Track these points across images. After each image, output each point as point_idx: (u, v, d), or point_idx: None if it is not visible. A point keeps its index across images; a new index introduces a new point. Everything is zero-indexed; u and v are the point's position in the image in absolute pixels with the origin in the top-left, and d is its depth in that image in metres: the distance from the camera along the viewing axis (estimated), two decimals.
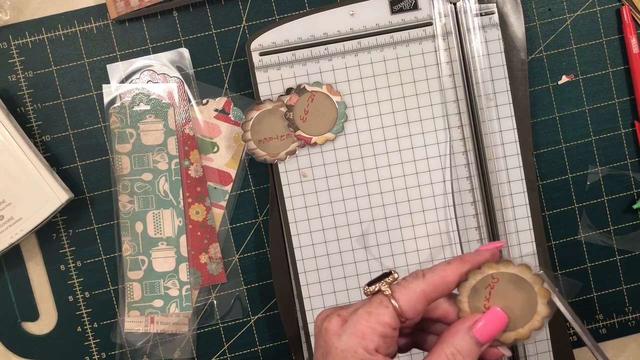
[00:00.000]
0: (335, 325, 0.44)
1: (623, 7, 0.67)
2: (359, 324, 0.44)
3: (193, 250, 0.66)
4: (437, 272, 0.45)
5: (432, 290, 0.45)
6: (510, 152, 0.65)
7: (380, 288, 0.45)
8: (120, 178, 0.66)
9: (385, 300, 0.44)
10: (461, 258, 0.46)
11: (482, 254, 0.46)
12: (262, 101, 0.65)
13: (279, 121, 0.65)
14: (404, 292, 0.44)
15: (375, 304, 0.44)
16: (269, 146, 0.64)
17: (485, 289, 0.46)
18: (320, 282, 0.65)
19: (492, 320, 0.45)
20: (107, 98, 0.66)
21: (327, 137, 0.65)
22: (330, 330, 0.44)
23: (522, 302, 0.46)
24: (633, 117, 0.68)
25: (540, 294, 0.46)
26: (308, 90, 0.65)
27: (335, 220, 0.65)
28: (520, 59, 0.65)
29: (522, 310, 0.46)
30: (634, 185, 0.68)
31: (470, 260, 0.46)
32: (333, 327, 0.44)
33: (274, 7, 0.66)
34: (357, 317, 0.44)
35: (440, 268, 0.46)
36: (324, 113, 0.65)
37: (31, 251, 0.67)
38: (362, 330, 0.43)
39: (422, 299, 0.44)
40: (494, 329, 0.45)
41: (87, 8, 0.66)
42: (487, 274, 0.46)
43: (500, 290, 0.46)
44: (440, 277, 0.45)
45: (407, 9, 0.64)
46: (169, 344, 0.67)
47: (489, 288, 0.46)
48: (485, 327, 0.45)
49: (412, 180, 0.65)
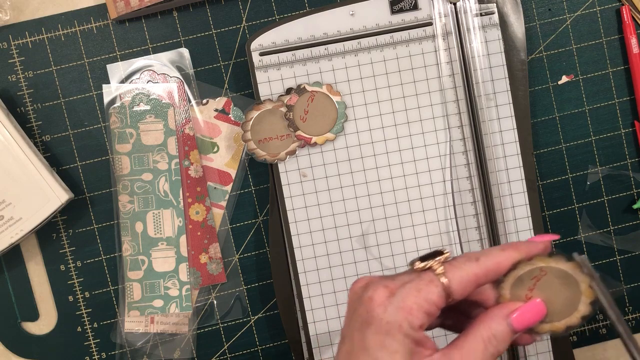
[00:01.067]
0: (381, 296, 0.43)
1: (623, 7, 0.67)
2: (407, 299, 0.43)
3: (193, 250, 0.66)
4: (491, 257, 0.45)
5: (484, 275, 0.44)
6: (510, 152, 0.65)
7: (432, 266, 0.44)
8: (120, 178, 0.66)
9: (435, 280, 0.43)
10: (515, 246, 0.46)
11: (537, 246, 0.46)
12: (262, 101, 0.65)
13: (279, 121, 0.65)
14: (456, 274, 0.44)
15: (426, 281, 0.43)
16: (269, 146, 0.64)
17: (531, 280, 0.45)
18: (320, 282, 0.65)
19: (531, 310, 0.45)
20: (107, 98, 0.66)
21: (327, 137, 0.65)
22: (375, 301, 0.43)
23: (565, 298, 0.45)
24: (633, 117, 0.68)
25: (585, 293, 0.45)
26: (308, 90, 0.65)
27: (335, 220, 0.65)
28: (520, 59, 0.65)
29: (563, 305, 0.45)
30: (634, 185, 0.68)
31: (524, 250, 0.46)
32: (379, 298, 0.43)
33: (274, 7, 0.66)
34: (406, 292, 0.43)
35: (494, 254, 0.45)
36: (324, 113, 0.65)
37: (31, 251, 0.67)
38: (410, 306, 0.42)
39: (472, 283, 0.44)
40: (532, 320, 0.45)
41: (87, 8, 0.66)
42: (537, 266, 0.45)
43: (545, 283, 0.45)
44: (494, 263, 0.45)
45: (407, 9, 0.64)
46: (169, 344, 0.67)
47: (535, 280, 0.45)
48: (523, 317, 0.45)
49: (412, 180, 0.65)
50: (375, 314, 0.43)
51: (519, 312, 0.45)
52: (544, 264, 0.45)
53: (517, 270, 0.46)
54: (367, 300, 0.44)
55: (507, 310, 0.45)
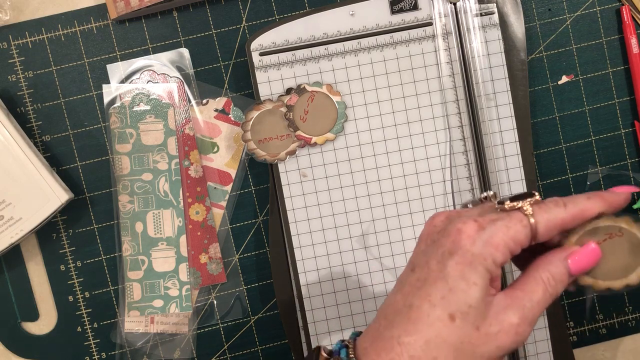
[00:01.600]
0: (471, 229, 0.44)
1: (623, 7, 0.67)
2: (496, 235, 0.44)
3: (193, 250, 0.66)
4: (579, 204, 0.46)
5: (570, 220, 0.45)
6: (510, 152, 0.65)
7: (523, 206, 0.45)
8: (120, 178, 0.66)
9: (525, 220, 0.44)
10: (601, 195, 0.46)
11: (620, 196, 0.47)
12: (262, 101, 0.65)
13: (279, 121, 0.65)
14: (545, 217, 0.45)
15: (516, 220, 0.44)
16: (269, 146, 0.64)
17: (605, 235, 0.46)
18: (321, 282, 0.65)
19: (588, 255, 0.46)
20: (107, 98, 0.66)
21: (327, 137, 0.65)
22: (464, 232, 0.44)
23: (624, 263, 0.46)
24: (633, 117, 0.68)
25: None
26: (308, 90, 0.65)
27: (335, 220, 0.65)
28: (520, 59, 0.65)
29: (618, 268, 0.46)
30: (634, 185, 0.68)
31: (609, 199, 0.46)
32: (469, 230, 0.44)
33: (274, 7, 0.66)
34: (496, 228, 0.44)
35: (581, 201, 0.46)
36: (324, 113, 0.65)
37: (31, 251, 0.67)
38: (498, 242, 0.43)
39: (558, 226, 0.45)
40: (588, 263, 0.46)
41: (87, 8, 0.66)
42: (618, 224, 0.46)
43: (615, 242, 0.46)
44: (581, 210, 0.45)
45: (407, 9, 0.64)
46: (169, 344, 0.67)
47: (608, 236, 0.46)
48: (580, 260, 0.45)
49: (412, 180, 0.65)
50: (462, 244, 0.44)
51: (576, 255, 0.45)
52: (626, 226, 0.46)
53: (598, 221, 0.46)
54: (455, 231, 0.44)
55: (565, 253, 0.46)
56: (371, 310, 0.65)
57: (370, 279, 0.65)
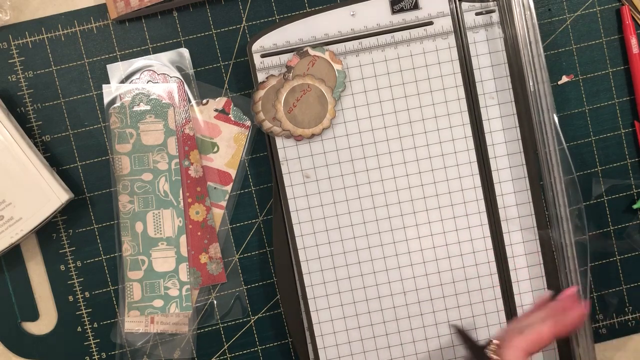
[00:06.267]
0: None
1: (623, 7, 0.67)
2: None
3: (193, 250, 0.66)
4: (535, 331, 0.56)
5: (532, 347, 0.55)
6: (513, 150, 0.65)
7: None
8: (120, 178, 0.66)
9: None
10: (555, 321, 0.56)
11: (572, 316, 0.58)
12: (266, 78, 0.64)
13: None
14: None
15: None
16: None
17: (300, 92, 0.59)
18: (325, 283, 0.65)
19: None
20: (107, 98, 0.66)
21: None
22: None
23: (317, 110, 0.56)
24: (633, 117, 0.68)
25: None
26: (310, 54, 0.64)
27: (339, 220, 0.65)
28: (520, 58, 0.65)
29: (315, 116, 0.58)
30: (634, 185, 0.68)
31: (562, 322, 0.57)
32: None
33: (274, 7, 0.66)
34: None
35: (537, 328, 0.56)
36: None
37: (31, 251, 0.67)
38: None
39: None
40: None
41: (87, 8, 0.66)
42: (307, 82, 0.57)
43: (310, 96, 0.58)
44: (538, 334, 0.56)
45: (408, 8, 0.64)
46: (169, 344, 0.67)
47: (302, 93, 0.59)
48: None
49: (415, 180, 0.65)
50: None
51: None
52: (311, 82, 0.55)
53: (292, 82, 0.56)
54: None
55: None
56: (376, 310, 0.65)
57: (374, 279, 0.65)
